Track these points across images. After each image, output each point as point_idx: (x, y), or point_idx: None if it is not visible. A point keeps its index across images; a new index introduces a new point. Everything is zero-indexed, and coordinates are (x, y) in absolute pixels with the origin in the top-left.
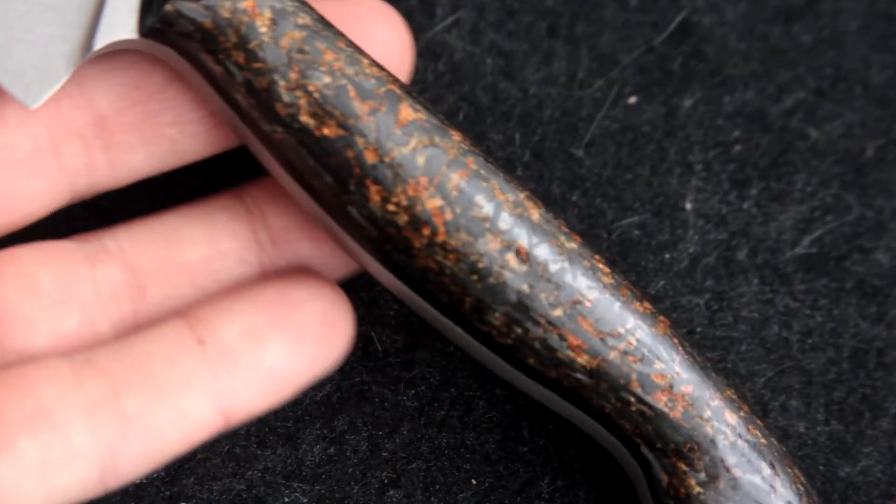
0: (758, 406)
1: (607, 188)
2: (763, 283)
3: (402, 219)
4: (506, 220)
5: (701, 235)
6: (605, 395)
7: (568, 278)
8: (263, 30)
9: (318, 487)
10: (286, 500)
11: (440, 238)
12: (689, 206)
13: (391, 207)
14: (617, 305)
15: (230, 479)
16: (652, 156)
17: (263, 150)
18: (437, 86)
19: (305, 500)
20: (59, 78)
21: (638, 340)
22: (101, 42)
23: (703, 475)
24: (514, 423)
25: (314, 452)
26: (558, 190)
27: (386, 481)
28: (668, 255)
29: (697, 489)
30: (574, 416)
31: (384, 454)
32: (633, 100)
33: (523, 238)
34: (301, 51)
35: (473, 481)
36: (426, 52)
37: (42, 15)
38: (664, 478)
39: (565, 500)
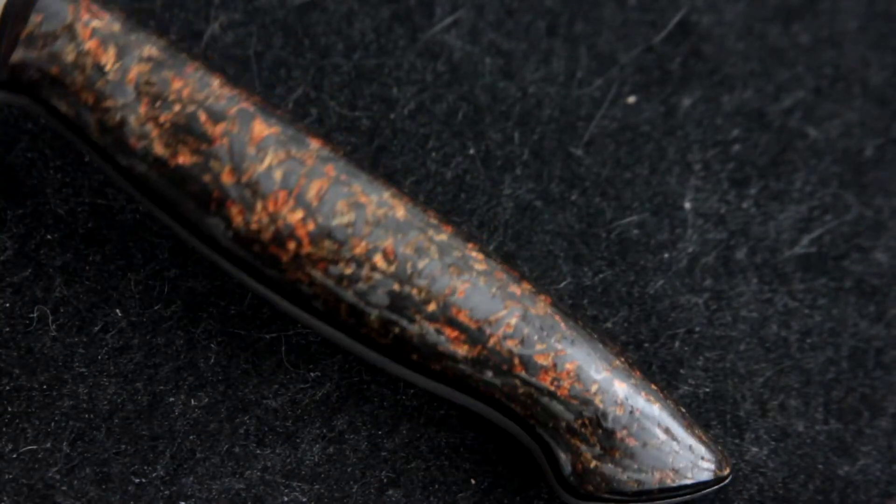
0: (757, 405)
1: (606, 187)
2: (762, 283)
3: (266, 235)
4: (369, 223)
5: (700, 235)
6: (490, 381)
7: (438, 272)
8: (108, 67)
9: (317, 487)
10: (285, 499)
11: (305, 250)
12: (688, 205)
13: (254, 226)
14: (491, 291)
15: (229, 478)
16: (651, 155)
17: (126, 183)
18: (436, 85)
19: (305, 500)
20: None
21: (516, 323)
22: None
23: (598, 448)
24: None
25: (313, 452)
26: (557, 189)
27: (385, 480)
28: (667, 255)
29: (595, 463)
30: (468, 403)
31: (383, 453)
32: (632, 99)
33: (389, 238)
34: (148, 83)
35: (473, 481)
36: (425, 51)
37: None
38: (562, 455)
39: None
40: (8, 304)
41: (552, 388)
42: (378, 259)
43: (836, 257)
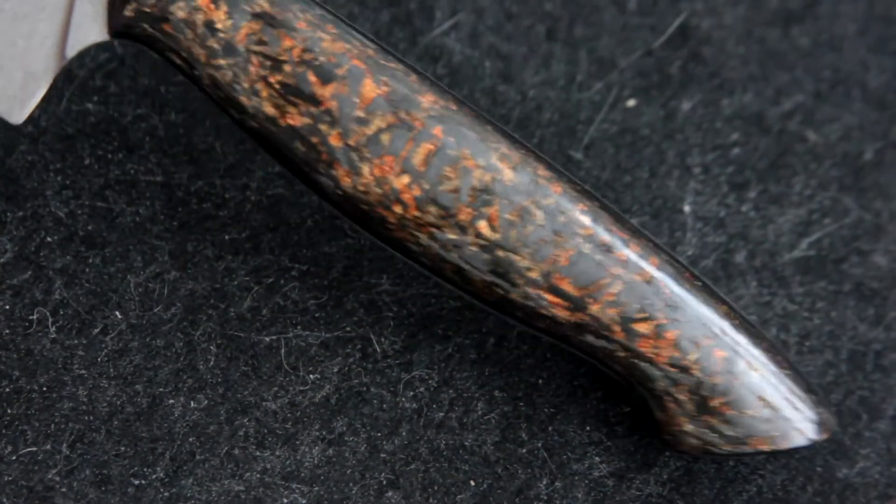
0: None
1: (606, 191)
2: (761, 286)
3: (373, 198)
4: (475, 188)
5: (699, 238)
6: (592, 344)
7: (542, 239)
8: (220, 25)
9: (316, 489)
10: (285, 501)
11: (411, 213)
12: (687, 208)
13: (361, 188)
14: (596, 259)
15: (229, 480)
16: (650, 158)
17: (241, 131)
18: None
19: (304, 502)
20: (38, 90)
21: (618, 291)
22: (74, 49)
23: (693, 414)
24: (512, 425)
25: (313, 454)
26: None
27: (385, 483)
28: None
29: (689, 426)
30: (574, 352)
31: (383, 455)
32: (631, 103)
33: (494, 204)
34: (259, 42)
35: (472, 483)
36: (425, 54)
37: (13, 31)
38: (658, 415)
39: (563, 502)
40: (8, 307)
41: (651, 356)
42: (482, 226)
43: (836, 260)
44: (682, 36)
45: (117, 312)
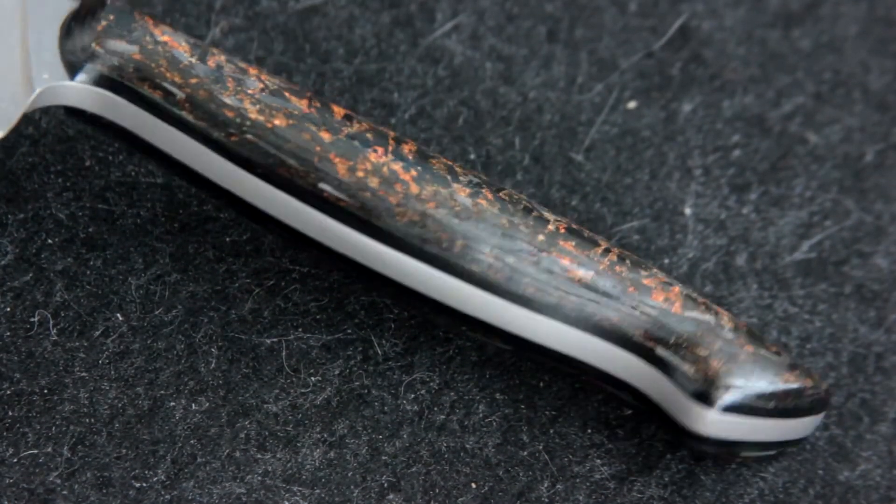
0: None
1: (607, 193)
2: (762, 288)
3: (374, 181)
4: (466, 174)
5: (700, 240)
6: (606, 305)
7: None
8: (187, 54)
9: (317, 491)
10: (286, 503)
11: (414, 190)
12: (688, 210)
13: (360, 174)
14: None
15: (230, 482)
16: (651, 160)
17: (220, 160)
18: (437, 90)
19: None
20: (14, 114)
21: (621, 248)
22: (38, 90)
23: (722, 355)
24: (513, 427)
25: (314, 456)
26: (558, 195)
27: (386, 485)
28: (667, 261)
29: (723, 368)
30: (582, 348)
31: (384, 458)
32: (632, 104)
33: (487, 184)
34: (229, 63)
35: (473, 485)
36: (426, 56)
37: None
38: (688, 369)
39: None
40: (9, 309)
41: (666, 306)
42: (486, 191)
43: (836, 263)
44: (683, 37)
45: (118, 315)
